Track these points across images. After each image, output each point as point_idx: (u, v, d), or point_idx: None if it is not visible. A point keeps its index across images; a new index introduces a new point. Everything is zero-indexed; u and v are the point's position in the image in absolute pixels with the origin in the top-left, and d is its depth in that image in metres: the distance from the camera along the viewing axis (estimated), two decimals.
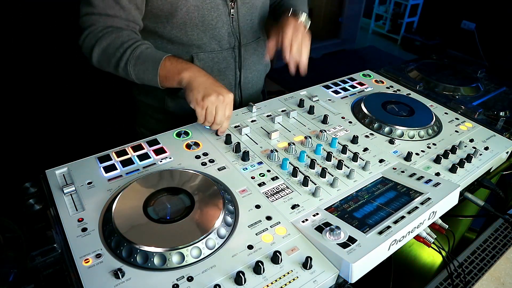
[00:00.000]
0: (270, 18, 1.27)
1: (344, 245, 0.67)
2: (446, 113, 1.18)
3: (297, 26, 1.02)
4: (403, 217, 0.73)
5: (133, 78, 0.98)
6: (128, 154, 0.89)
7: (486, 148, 1.02)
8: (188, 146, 0.93)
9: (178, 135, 0.97)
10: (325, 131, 1.00)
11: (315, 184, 0.84)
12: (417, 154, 0.97)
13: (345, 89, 1.27)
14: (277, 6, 1.27)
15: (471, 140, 1.05)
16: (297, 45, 1.01)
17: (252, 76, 1.23)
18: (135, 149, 0.91)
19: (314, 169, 0.88)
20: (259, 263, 0.63)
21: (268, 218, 0.75)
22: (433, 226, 0.87)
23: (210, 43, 1.08)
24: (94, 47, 0.96)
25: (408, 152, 0.94)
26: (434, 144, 1.02)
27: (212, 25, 1.06)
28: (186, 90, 0.92)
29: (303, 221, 0.74)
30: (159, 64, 0.93)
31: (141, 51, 0.95)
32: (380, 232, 0.69)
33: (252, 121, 1.06)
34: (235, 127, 1.02)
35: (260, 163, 0.90)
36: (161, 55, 0.95)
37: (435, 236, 0.82)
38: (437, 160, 0.95)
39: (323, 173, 0.86)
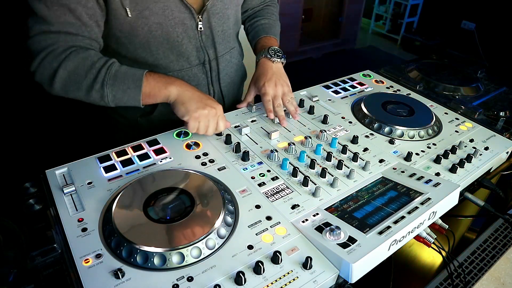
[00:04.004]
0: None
1: (344, 245, 0.67)
2: (446, 113, 1.18)
3: (276, 88, 1.06)
4: (403, 217, 0.73)
5: (108, 101, 0.88)
6: (128, 154, 0.89)
7: (486, 148, 1.02)
8: (188, 146, 0.93)
9: (178, 135, 0.97)
10: (325, 131, 1.00)
11: (315, 184, 0.84)
12: (417, 154, 0.97)
13: (345, 89, 1.27)
14: (249, 26, 1.25)
15: (471, 140, 1.05)
16: (281, 110, 1.05)
17: (228, 88, 1.18)
18: (135, 149, 0.91)
19: (314, 169, 0.88)
20: (259, 263, 0.63)
21: (268, 218, 0.75)
22: (433, 226, 0.87)
23: (178, 61, 1.02)
24: (57, 71, 0.84)
25: (408, 152, 0.94)
26: (434, 144, 1.02)
27: (178, 41, 0.98)
28: (176, 104, 0.91)
29: (303, 221, 0.74)
30: (142, 81, 0.87)
31: (116, 69, 0.87)
32: (380, 232, 0.69)
33: (252, 121, 1.06)
34: (235, 127, 1.02)
35: (260, 163, 0.90)
36: (140, 71, 0.89)
37: (435, 236, 0.82)
38: (437, 160, 0.95)
39: (323, 173, 0.86)
